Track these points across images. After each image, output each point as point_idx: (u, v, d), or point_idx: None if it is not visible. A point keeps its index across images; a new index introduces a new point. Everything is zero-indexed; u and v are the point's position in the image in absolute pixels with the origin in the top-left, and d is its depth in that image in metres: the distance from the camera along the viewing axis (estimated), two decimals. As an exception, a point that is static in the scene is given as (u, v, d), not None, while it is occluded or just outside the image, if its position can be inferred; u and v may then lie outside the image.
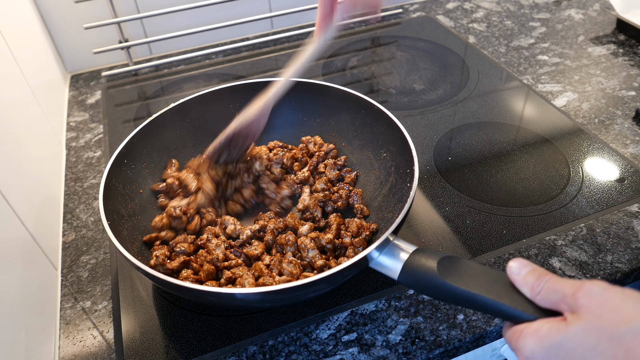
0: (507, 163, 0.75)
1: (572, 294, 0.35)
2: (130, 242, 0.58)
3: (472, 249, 0.63)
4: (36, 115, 0.76)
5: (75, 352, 0.55)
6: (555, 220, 0.66)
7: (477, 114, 0.85)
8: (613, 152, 0.75)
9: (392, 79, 0.96)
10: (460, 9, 1.19)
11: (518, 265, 0.40)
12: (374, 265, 0.49)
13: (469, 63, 0.99)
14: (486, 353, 0.63)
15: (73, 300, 0.60)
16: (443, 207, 0.69)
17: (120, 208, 0.61)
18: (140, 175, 0.67)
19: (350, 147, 0.74)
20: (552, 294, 0.37)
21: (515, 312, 0.38)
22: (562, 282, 0.37)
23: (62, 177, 0.78)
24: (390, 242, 0.49)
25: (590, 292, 0.34)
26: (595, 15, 1.12)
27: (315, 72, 0.99)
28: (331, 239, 0.59)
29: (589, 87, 0.90)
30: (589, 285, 0.35)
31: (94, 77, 1.02)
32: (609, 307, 0.33)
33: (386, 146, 0.68)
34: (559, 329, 0.35)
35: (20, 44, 0.76)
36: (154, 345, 0.54)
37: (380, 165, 0.69)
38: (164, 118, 0.70)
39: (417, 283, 0.46)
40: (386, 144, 0.68)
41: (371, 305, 0.57)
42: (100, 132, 0.87)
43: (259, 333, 0.55)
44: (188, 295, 0.53)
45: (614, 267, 0.59)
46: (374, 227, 0.62)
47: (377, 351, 0.53)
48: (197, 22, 1.02)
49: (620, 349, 0.32)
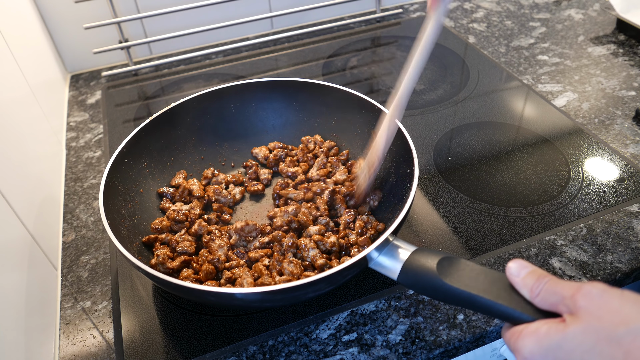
0: (507, 163, 0.75)
1: (571, 296, 0.35)
2: (130, 242, 0.58)
3: (472, 249, 0.63)
4: (36, 115, 0.76)
5: (75, 352, 0.55)
6: (555, 220, 0.66)
7: (477, 114, 0.85)
8: (613, 152, 0.75)
9: (392, 79, 0.96)
10: (460, 9, 1.19)
11: (517, 267, 0.40)
12: (374, 266, 0.49)
13: (469, 63, 0.99)
14: (486, 353, 0.63)
15: (73, 300, 0.60)
16: (443, 207, 0.69)
17: (121, 207, 0.61)
18: (141, 175, 0.67)
19: (351, 147, 0.74)
20: (551, 295, 0.37)
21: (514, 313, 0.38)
22: (561, 284, 0.37)
23: (62, 177, 0.78)
24: (390, 243, 0.49)
25: (589, 294, 0.34)
26: (595, 15, 1.12)
27: (315, 72, 0.99)
28: (335, 242, 0.59)
29: (589, 87, 0.90)
30: (588, 287, 0.35)
31: (94, 77, 1.02)
32: (608, 309, 0.33)
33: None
34: (557, 330, 0.35)
35: (20, 44, 0.76)
36: (154, 345, 0.54)
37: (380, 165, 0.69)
38: (165, 117, 0.70)
39: (416, 283, 0.45)
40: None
41: (371, 305, 0.57)
42: (100, 132, 0.87)
43: (259, 333, 0.55)
44: (188, 295, 0.53)
45: (614, 267, 0.59)
46: (381, 227, 0.62)
47: (377, 351, 0.53)
48: (197, 22, 1.02)
49: (620, 350, 0.32)
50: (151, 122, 0.68)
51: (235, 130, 0.77)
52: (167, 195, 0.68)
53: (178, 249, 0.60)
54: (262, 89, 0.76)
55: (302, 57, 1.04)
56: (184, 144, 0.74)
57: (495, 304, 0.39)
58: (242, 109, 0.77)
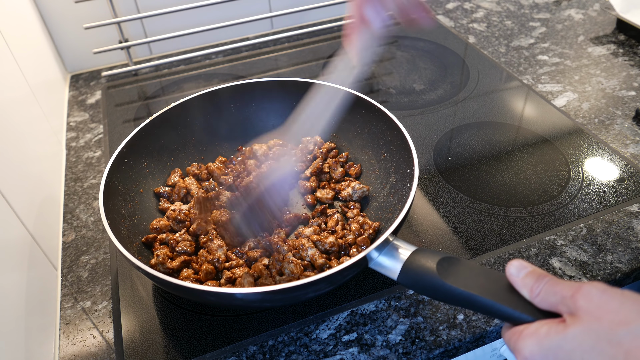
0: (507, 163, 0.75)
1: (571, 296, 0.35)
2: (130, 242, 0.58)
3: (472, 249, 0.63)
4: (36, 115, 0.76)
5: (75, 352, 0.55)
6: (555, 220, 0.66)
7: (477, 114, 0.85)
8: (613, 152, 0.75)
9: (392, 79, 0.96)
10: (460, 9, 1.19)
11: (517, 267, 0.40)
12: (374, 266, 0.49)
13: (469, 63, 0.99)
14: (486, 353, 0.63)
15: (73, 300, 0.60)
16: (443, 207, 0.69)
17: (121, 207, 0.61)
18: (141, 175, 0.67)
19: (351, 147, 0.74)
20: (551, 295, 0.37)
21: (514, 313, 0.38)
22: (561, 284, 0.37)
23: (62, 177, 0.78)
24: (390, 243, 0.49)
25: (588, 294, 0.34)
26: (595, 15, 1.12)
27: (315, 72, 0.99)
28: (334, 242, 0.59)
29: (589, 87, 0.90)
30: (588, 287, 0.35)
31: (94, 77, 1.02)
32: (607, 309, 0.33)
33: (386, 146, 0.68)
34: (557, 330, 0.35)
35: (20, 44, 0.76)
36: (154, 345, 0.54)
37: (380, 165, 0.69)
38: (165, 117, 0.70)
39: (416, 283, 0.45)
40: (386, 144, 0.68)
41: (371, 305, 0.57)
42: (100, 132, 0.87)
43: (259, 333, 0.55)
44: (188, 295, 0.53)
45: (614, 267, 0.59)
46: (376, 226, 0.62)
47: (377, 351, 0.53)
48: (197, 22, 1.02)
49: (620, 350, 0.32)
50: (151, 122, 0.68)
51: (236, 130, 0.77)
52: (164, 195, 0.68)
53: (177, 249, 0.60)
54: (262, 89, 0.76)
55: (302, 57, 1.04)
56: (183, 144, 0.74)
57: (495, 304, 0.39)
58: (242, 109, 0.77)
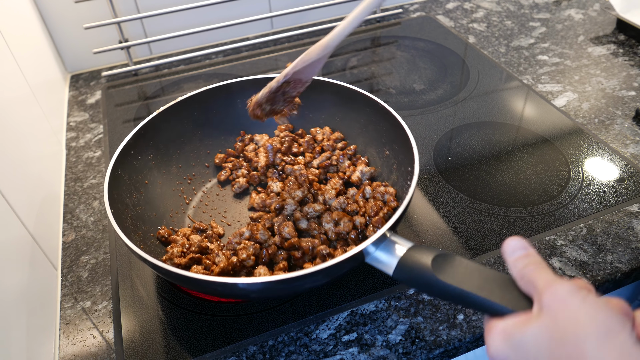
0: (507, 163, 0.75)
1: (541, 291, 0.35)
2: (133, 231, 0.58)
3: (472, 249, 0.63)
4: (36, 115, 0.76)
5: (75, 352, 0.55)
6: (555, 220, 0.66)
7: (477, 114, 0.85)
8: (613, 152, 0.75)
9: (392, 79, 0.96)
10: (460, 9, 1.19)
11: (512, 247, 0.39)
12: (370, 260, 0.49)
13: (469, 63, 0.99)
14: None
15: (73, 300, 0.60)
16: (443, 207, 0.69)
17: (125, 197, 0.61)
18: (147, 166, 0.68)
19: (355, 143, 0.75)
20: (528, 284, 0.37)
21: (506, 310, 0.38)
22: (539, 275, 0.36)
23: (62, 177, 0.78)
24: (387, 238, 0.49)
25: (554, 293, 0.34)
26: (595, 15, 1.12)
27: (315, 72, 0.99)
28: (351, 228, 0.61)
29: (589, 87, 0.90)
30: (558, 285, 0.34)
31: (94, 77, 1.02)
32: (566, 311, 0.33)
33: (389, 144, 0.68)
34: (521, 326, 0.35)
35: (20, 44, 0.76)
36: (154, 345, 0.54)
37: (383, 162, 0.70)
38: (172, 111, 0.71)
39: (411, 279, 0.46)
40: (389, 142, 0.68)
41: (371, 305, 0.57)
42: (100, 132, 0.87)
43: (259, 333, 0.55)
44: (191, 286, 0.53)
45: (614, 267, 0.59)
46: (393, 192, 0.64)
47: (377, 351, 0.53)
48: (197, 22, 1.02)
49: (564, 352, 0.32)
50: (158, 115, 0.69)
51: (242, 125, 0.78)
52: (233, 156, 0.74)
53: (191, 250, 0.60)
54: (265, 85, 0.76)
55: (302, 57, 1.04)
56: (190, 137, 0.75)
57: (487, 301, 0.39)
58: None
